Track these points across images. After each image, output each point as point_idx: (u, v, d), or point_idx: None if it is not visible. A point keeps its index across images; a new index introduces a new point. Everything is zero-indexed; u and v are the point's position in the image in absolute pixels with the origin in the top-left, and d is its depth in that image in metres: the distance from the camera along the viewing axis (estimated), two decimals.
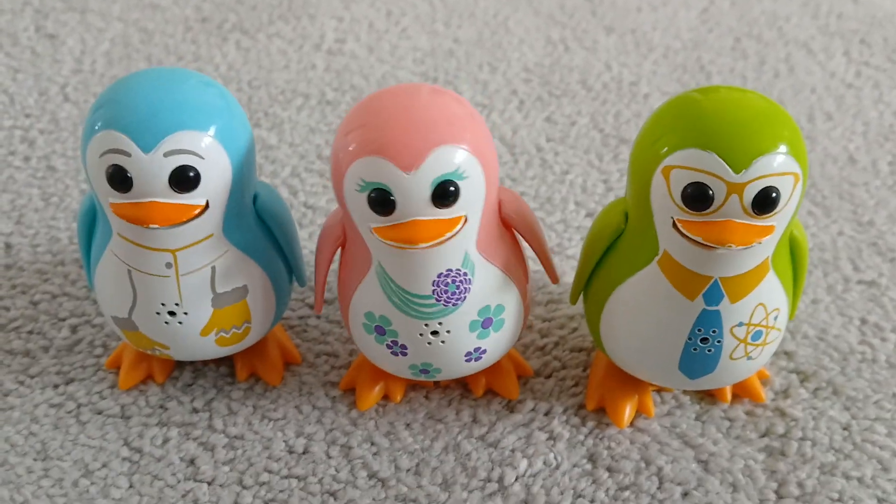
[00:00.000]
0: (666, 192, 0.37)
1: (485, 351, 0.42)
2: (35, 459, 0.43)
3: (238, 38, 0.73)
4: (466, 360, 0.42)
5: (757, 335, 0.40)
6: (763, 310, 0.40)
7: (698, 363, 0.41)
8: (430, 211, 0.36)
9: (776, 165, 0.36)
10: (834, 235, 0.56)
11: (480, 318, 0.40)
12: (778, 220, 0.37)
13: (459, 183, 0.36)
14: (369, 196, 0.36)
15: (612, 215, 0.41)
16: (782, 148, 0.36)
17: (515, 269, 0.41)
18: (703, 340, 0.40)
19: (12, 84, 0.68)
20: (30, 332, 0.49)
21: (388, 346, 0.41)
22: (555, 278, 0.43)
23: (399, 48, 0.73)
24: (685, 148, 0.36)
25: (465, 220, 0.37)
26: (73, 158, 0.60)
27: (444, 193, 0.36)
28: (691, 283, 0.38)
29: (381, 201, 0.36)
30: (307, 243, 0.54)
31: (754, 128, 0.36)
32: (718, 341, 0.40)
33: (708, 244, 0.36)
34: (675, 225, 0.37)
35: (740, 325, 0.40)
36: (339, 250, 0.42)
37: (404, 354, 0.41)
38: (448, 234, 0.37)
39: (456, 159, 0.36)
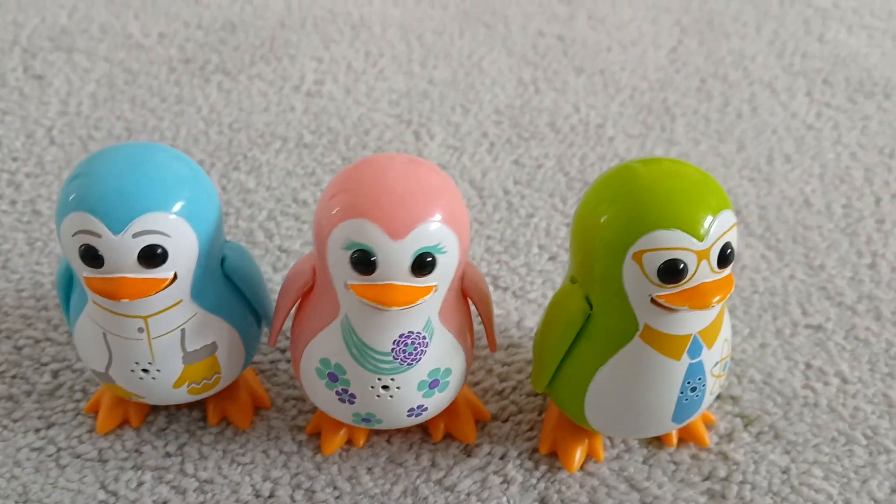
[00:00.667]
0: (640, 275, 0.39)
1: (426, 409, 0.44)
2: (17, 502, 0.45)
3: (220, 79, 0.76)
4: (408, 415, 0.44)
5: (724, 366, 0.44)
6: (727, 343, 0.44)
7: (688, 409, 0.44)
8: (406, 277, 0.39)
9: (726, 223, 0.40)
10: (785, 279, 0.59)
11: (429, 378, 0.43)
12: (732, 267, 0.41)
13: (438, 256, 0.39)
14: (352, 255, 0.39)
15: (573, 303, 0.42)
16: (724, 208, 0.40)
17: (465, 337, 0.44)
18: (693, 390, 0.43)
19: (0, 126, 0.70)
20: (13, 377, 0.51)
21: (338, 393, 0.44)
22: (493, 348, 0.46)
23: (375, 90, 0.75)
24: (650, 231, 0.39)
25: (435, 289, 0.40)
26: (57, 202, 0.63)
27: (423, 264, 0.39)
28: (675, 345, 0.41)
29: (364, 262, 0.39)
30: (278, 287, 0.57)
31: (702, 197, 0.40)
32: (703, 385, 0.43)
33: (693, 310, 0.40)
34: (654, 301, 0.40)
35: (716, 364, 0.43)
36: None
37: (351, 403, 0.44)
38: (419, 301, 0.40)
39: (438, 234, 0.39)
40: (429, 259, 0.39)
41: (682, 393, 0.43)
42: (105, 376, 0.44)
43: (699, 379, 0.43)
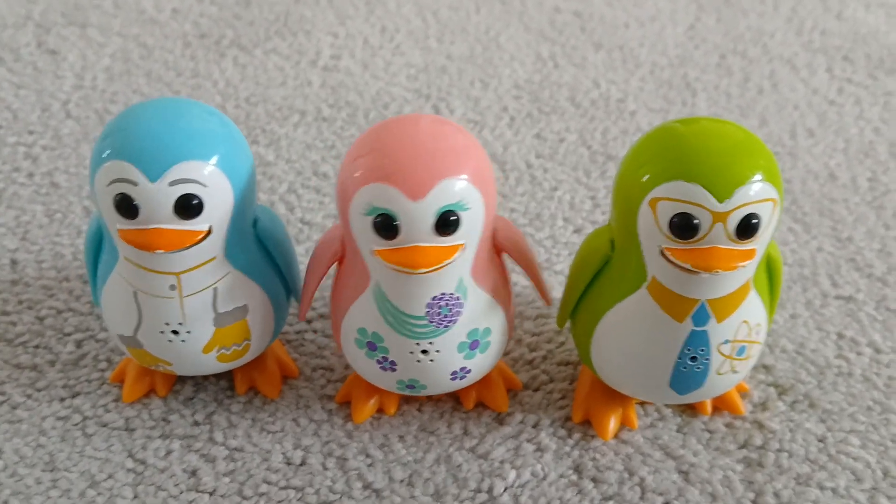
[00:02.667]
0: (653, 222, 0.39)
1: (469, 371, 0.44)
2: (43, 471, 0.45)
3: (236, 54, 0.75)
4: (451, 379, 0.43)
5: (741, 351, 0.42)
6: (746, 326, 0.42)
7: (687, 380, 0.43)
8: (431, 238, 0.38)
9: (756, 193, 0.38)
10: (813, 251, 0.58)
11: (469, 339, 0.42)
12: (759, 244, 0.39)
13: (461, 213, 0.38)
14: (375, 220, 0.38)
15: (598, 243, 0.43)
16: (760, 176, 0.38)
17: (503, 295, 0.43)
18: (692, 359, 0.42)
19: (15, 100, 0.69)
20: (36, 347, 0.50)
21: (379, 362, 0.43)
22: (548, 301, 0.45)
23: (393, 64, 0.75)
24: (671, 180, 0.38)
25: (464, 248, 0.39)
26: (75, 175, 0.62)
27: (447, 223, 0.38)
28: (680, 306, 0.40)
29: (386, 226, 0.38)
30: (303, 258, 0.56)
31: (734, 158, 0.38)
32: (706, 359, 0.42)
33: (696, 271, 0.38)
34: (662, 253, 0.39)
35: (726, 342, 0.42)
36: (336, 266, 0.44)
37: (393, 370, 0.43)
38: (447, 262, 0.39)
39: (460, 191, 0.38)
40: (452, 217, 0.38)
41: (680, 359, 0.42)
42: (133, 340, 0.43)
43: (701, 350, 0.41)
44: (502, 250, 0.43)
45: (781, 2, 0.85)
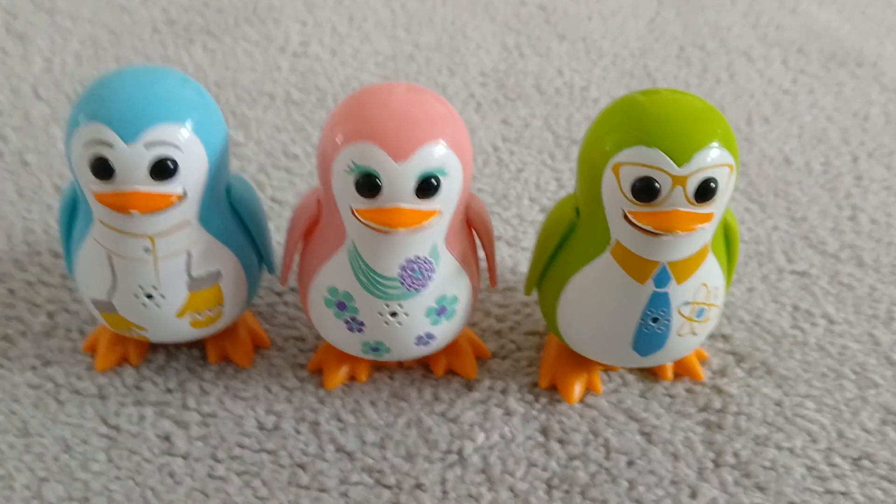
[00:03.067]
0: (616, 187, 0.40)
1: (434, 337, 0.45)
2: (16, 436, 0.45)
3: (205, 40, 0.76)
4: (416, 344, 0.45)
5: (700, 312, 0.44)
6: (705, 289, 0.44)
7: (650, 342, 0.44)
8: (411, 200, 0.40)
9: (713, 159, 0.40)
10: (769, 230, 0.60)
11: (437, 305, 0.43)
12: (716, 208, 0.41)
13: (442, 178, 0.40)
14: (357, 179, 0.39)
15: (564, 210, 0.44)
16: (717, 143, 0.40)
17: (470, 266, 0.45)
18: (654, 320, 0.43)
19: None
20: (8, 319, 0.51)
21: (346, 322, 0.44)
22: (494, 282, 0.47)
23: (361, 52, 0.76)
24: (632, 146, 0.40)
25: (440, 214, 0.41)
26: (45, 154, 0.62)
27: (428, 186, 0.39)
28: (642, 268, 0.42)
29: (369, 185, 0.39)
30: (274, 235, 0.57)
31: (693, 125, 0.40)
32: (667, 320, 0.44)
33: (657, 232, 0.40)
34: (625, 216, 0.41)
35: (686, 304, 0.43)
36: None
37: (360, 331, 0.44)
38: (424, 223, 0.40)
39: (441, 156, 0.39)
40: (434, 181, 0.40)
41: (642, 320, 0.43)
42: (107, 305, 0.44)
43: (662, 311, 0.43)
44: (471, 225, 0.44)
45: None
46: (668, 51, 0.79)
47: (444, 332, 0.45)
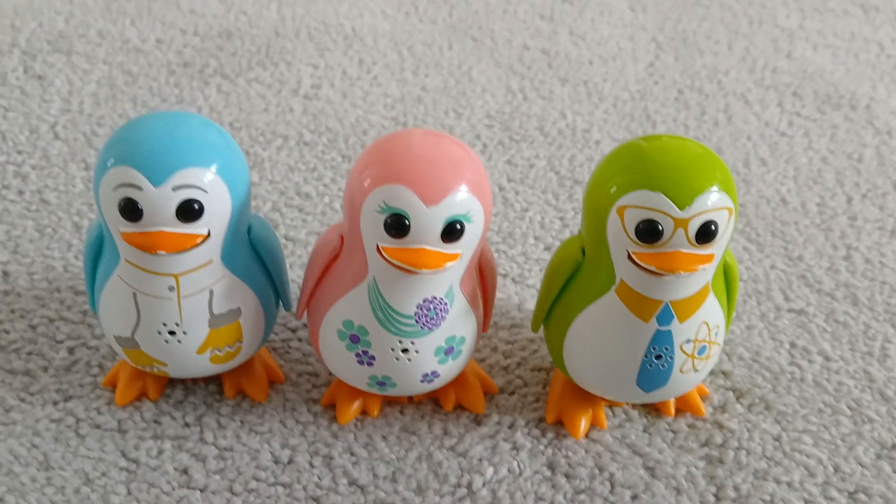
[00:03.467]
0: (621, 229, 0.42)
1: (439, 375, 0.47)
2: (38, 469, 0.46)
3: (219, 82, 0.78)
4: (421, 381, 0.46)
5: (702, 350, 0.46)
6: (706, 327, 0.45)
7: (653, 378, 0.46)
8: (436, 243, 0.41)
9: (713, 202, 0.42)
10: (767, 269, 0.62)
11: (446, 345, 0.45)
12: (716, 249, 0.43)
13: (466, 224, 0.42)
14: (387, 219, 0.41)
15: (570, 250, 0.46)
16: (717, 187, 0.42)
17: (478, 307, 0.47)
18: (658, 357, 0.45)
19: (3, 122, 0.71)
20: (29, 353, 0.52)
21: (357, 355, 0.46)
22: (486, 328, 0.49)
23: (371, 94, 0.78)
24: (636, 190, 0.42)
25: (460, 257, 0.42)
26: (64, 193, 0.64)
27: (453, 231, 0.41)
28: (645, 307, 0.44)
29: (398, 225, 0.41)
30: (289, 271, 0.58)
31: (694, 170, 0.42)
32: (670, 357, 0.45)
33: (660, 272, 0.42)
34: (629, 257, 0.42)
35: (688, 341, 0.45)
36: None
37: (370, 365, 0.46)
38: (446, 265, 0.42)
39: (468, 203, 0.41)
40: (458, 226, 0.41)
41: (646, 357, 0.45)
42: (130, 341, 0.45)
43: (666, 349, 0.45)
44: (480, 268, 0.46)
45: (735, 42, 0.91)
46: (667, 94, 0.81)
47: (448, 370, 0.47)
